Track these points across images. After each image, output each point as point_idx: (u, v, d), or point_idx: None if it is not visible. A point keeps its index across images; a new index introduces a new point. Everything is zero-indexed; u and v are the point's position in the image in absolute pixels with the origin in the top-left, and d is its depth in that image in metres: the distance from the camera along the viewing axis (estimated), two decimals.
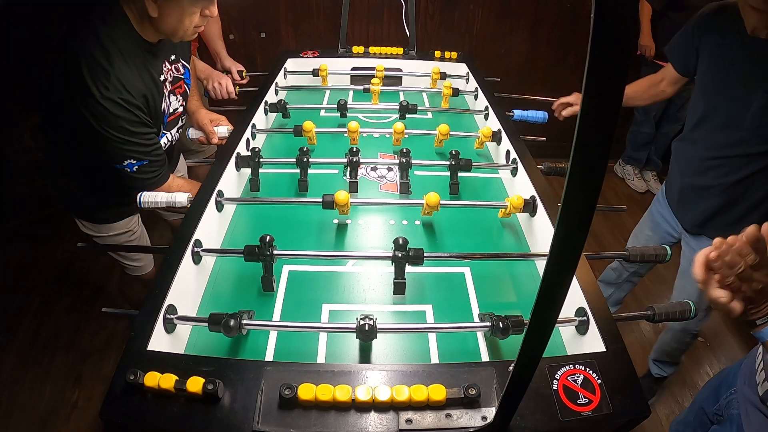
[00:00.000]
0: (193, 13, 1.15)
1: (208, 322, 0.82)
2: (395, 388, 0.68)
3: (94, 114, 1.09)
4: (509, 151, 1.37)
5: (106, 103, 1.09)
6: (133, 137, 1.15)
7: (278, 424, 0.66)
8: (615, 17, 0.33)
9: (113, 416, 0.68)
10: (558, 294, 0.47)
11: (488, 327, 0.84)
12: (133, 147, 1.16)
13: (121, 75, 1.11)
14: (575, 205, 0.41)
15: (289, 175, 1.34)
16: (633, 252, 1.01)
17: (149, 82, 1.21)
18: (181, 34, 1.18)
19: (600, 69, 0.34)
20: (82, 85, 1.08)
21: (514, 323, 0.83)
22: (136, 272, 1.60)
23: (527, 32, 2.88)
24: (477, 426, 0.67)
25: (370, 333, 0.81)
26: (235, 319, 0.81)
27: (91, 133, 1.12)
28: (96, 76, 1.08)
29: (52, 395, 1.81)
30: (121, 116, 1.11)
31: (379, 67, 1.78)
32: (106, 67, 1.09)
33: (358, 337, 0.82)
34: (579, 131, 0.37)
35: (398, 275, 0.96)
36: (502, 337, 0.83)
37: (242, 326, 0.82)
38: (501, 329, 0.83)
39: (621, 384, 0.74)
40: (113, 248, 1.57)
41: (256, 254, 0.95)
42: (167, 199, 1.09)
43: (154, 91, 1.23)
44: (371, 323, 0.81)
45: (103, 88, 1.08)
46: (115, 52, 1.11)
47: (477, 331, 0.92)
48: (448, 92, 1.69)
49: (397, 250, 0.95)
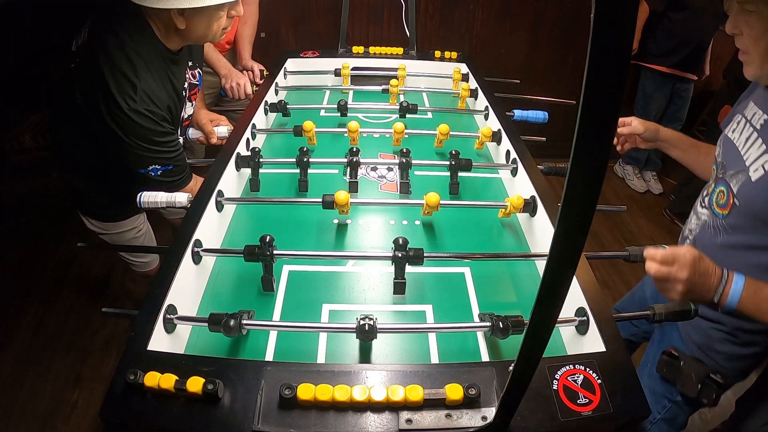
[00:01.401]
0: (220, 17, 1.17)
1: (208, 322, 0.82)
2: (395, 388, 0.68)
3: (120, 125, 1.11)
4: (509, 151, 1.37)
5: (132, 114, 1.10)
6: (159, 146, 1.17)
7: (278, 424, 0.66)
8: (615, 17, 0.32)
9: (113, 416, 0.68)
10: (558, 294, 0.47)
11: (488, 327, 0.84)
12: (158, 155, 1.18)
13: (147, 87, 1.13)
14: (575, 205, 0.41)
15: (289, 175, 1.34)
16: (633, 251, 0.98)
17: (171, 92, 1.23)
18: (210, 38, 1.20)
19: (600, 69, 0.34)
20: (108, 97, 1.09)
21: (514, 323, 0.83)
22: (142, 268, 1.61)
23: (527, 32, 2.88)
24: (477, 426, 0.67)
25: (370, 333, 0.81)
26: (235, 319, 0.81)
27: (117, 142, 1.13)
28: (123, 88, 1.10)
29: (52, 395, 1.81)
30: (147, 127, 1.13)
31: (401, 66, 1.80)
32: (133, 80, 1.11)
33: (359, 337, 0.82)
34: (579, 131, 0.37)
35: (398, 275, 0.96)
36: (502, 337, 0.83)
37: (242, 326, 0.82)
38: (501, 329, 0.83)
39: (621, 384, 0.74)
40: (113, 248, 1.58)
41: (256, 254, 0.95)
42: (167, 199, 1.09)
43: (176, 100, 1.25)
44: (371, 323, 0.81)
45: (130, 100, 1.10)
46: (141, 64, 1.13)
47: (477, 331, 0.92)
48: (466, 94, 1.70)
49: (397, 250, 0.95)
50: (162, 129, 1.17)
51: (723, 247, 1.01)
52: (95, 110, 1.11)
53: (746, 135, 0.99)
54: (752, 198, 0.94)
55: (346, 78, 1.82)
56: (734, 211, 0.98)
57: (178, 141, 1.25)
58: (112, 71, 1.09)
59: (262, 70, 1.90)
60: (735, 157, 1.00)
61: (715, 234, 1.04)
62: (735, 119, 1.05)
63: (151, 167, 1.19)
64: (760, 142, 0.93)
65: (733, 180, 0.99)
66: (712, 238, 1.04)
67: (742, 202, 0.96)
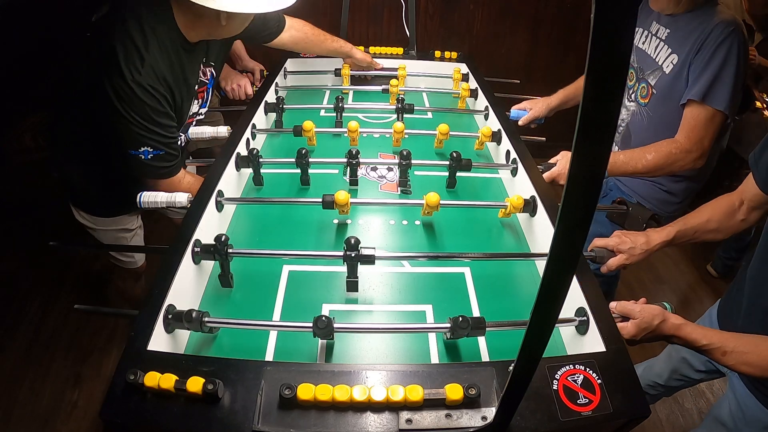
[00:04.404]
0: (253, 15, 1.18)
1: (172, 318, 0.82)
2: (395, 388, 0.68)
3: (119, 95, 1.08)
4: (509, 151, 1.37)
5: (135, 86, 1.08)
6: (155, 126, 1.15)
7: (278, 424, 0.66)
8: (615, 17, 0.32)
9: (113, 416, 0.68)
10: (558, 294, 0.47)
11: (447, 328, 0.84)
12: (153, 135, 1.15)
13: (155, 64, 1.11)
14: (575, 205, 0.41)
15: (289, 175, 1.34)
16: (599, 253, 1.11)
17: (180, 79, 1.21)
18: (236, 33, 1.22)
19: (600, 69, 0.34)
20: (113, 64, 1.07)
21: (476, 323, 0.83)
22: (127, 266, 1.62)
23: (527, 32, 2.88)
24: (477, 426, 0.67)
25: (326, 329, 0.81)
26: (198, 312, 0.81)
27: (112, 114, 1.11)
28: (130, 59, 1.08)
29: (52, 395, 1.81)
30: (147, 103, 1.11)
31: (401, 66, 1.80)
32: (142, 52, 1.09)
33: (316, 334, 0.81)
34: (579, 131, 0.37)
35: (351, 274, 0.97)
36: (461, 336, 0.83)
37: (203, 323, 0.82)
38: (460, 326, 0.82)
39: (621, 384, 0.74)
40: (113, 248, 1.58)
41: (212, 252, 0.95)
42: (167, 199, 1.09)
43: (183, 89, 1.23)
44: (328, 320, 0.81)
45: (135, 71, 1.08)
46: (153, 41, 1.11)
47: (435, 332, 0.91)
48: (466, 94, 1.70)
49: (348, 250, 0.94)
50: (162, 109, 1.15)
51: (649, 126, 1.46)
52: (98, 78, 1.08)
53: (654, 44, 1.43)
54: (666, 85, 1.38)
55: (346, 78, 1.82)
56: (653, 99, 1.44)
57: (175, 128, 1.23)
58: (123, 40, 1.08)
59: (262, 70, 1.90)
60: (649, 61, 1.45)
61: (642, 118, 1.49)
62: (639, 33, 1.49)
63: (143, 149, 1.15)
64: (666, 47, 1.38)
65: (650, 77, 1.44)
66: (641, 122, 1.49)
67: (659, 90, 1.41)
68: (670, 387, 1.44)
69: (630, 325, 0.88)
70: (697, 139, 1.30)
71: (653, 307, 0.89)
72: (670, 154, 1.32)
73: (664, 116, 1.41)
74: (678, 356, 1.37)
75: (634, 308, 0.89)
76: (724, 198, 1.15)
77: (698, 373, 1.33)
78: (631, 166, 1.36)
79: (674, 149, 1.32)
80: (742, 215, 1.12)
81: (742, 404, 1.11)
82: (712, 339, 0.88)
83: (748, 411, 1.10)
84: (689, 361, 1.33)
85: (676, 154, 1.32)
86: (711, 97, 1.26)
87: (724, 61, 1.25)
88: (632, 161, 1.36)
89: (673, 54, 1.36)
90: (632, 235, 1.11)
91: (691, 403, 1.95)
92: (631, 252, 1.09)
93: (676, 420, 1.89)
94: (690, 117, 1.31)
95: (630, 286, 2.33)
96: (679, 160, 1.32)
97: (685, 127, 1.32)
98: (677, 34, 1.36)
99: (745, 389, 1.10)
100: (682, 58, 1.33)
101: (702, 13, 1.31)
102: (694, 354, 1.30)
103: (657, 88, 1.42)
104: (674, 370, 1.39)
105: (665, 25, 1.40)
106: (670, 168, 1.35)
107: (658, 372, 1.45)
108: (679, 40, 1.35)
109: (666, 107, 1.40)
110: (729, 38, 1.24)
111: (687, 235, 1.14)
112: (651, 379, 1.47)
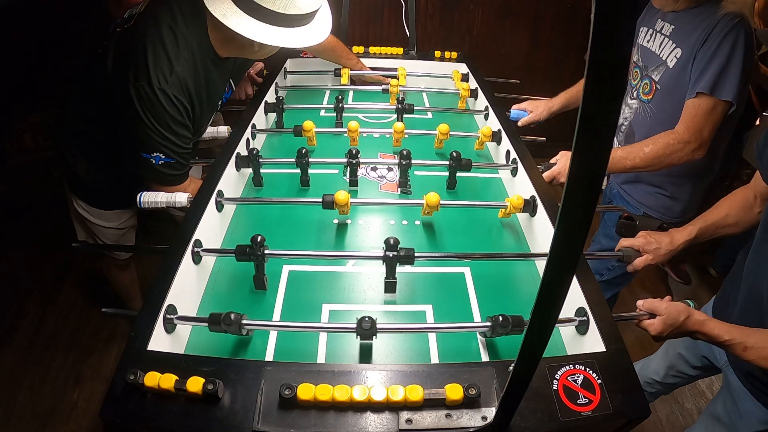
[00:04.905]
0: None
1: (208, 322, 0.82)
2: (395, 388, 0.68)
3: (142, 98, 1.08)
4: (509, 151, 1.37)
5: (159, 93, 1.08)
6: (172, 135, 1.15)
7: (278, 424, 0.66)
8: (615, 17, 0.32)
9: (113, 416, 0.68)
10: (558, 294, 0.47)
11: (488, 327, 0.84)
12: (168, 143, 1.15)
13: (183, 75, 1.11)
14: (575, 205, 0.41)
15: (289, 175, 1.34)
16: (626, 252, 1.11)
17: (204, 92, 1.21)
18: (268, 56, 1.24)
19: (600, 69, 0.34)
20: (141, 68, 1.07)
21: (515, 321, 0.83)
22: (113, 256, 1.66)
23: (527, 32, 2.88)
24: (477, 426, 0.67)
25: (370, 330, 0.81)
26: (235, 314, 0.81)
27: (132, 117, 1.10)
28: (159, 65, 1.08)
29: (52, 395, 1.81)
30: (168, 111, 1.11)
31: (401, 69, 1.81)
32: (173, 62, 1.09)
33: (359, 333, 0.82)
34: (579, 131, 0.37)
35: (389, 275, 0.97)
36: (502, 333, 0.83)
37: (242, 326, 0.82)
38: (501, 324, 0.83)
39: (621, 384, 0.74)
40: (113, 248, 1.58)
41: (248, 254, 0.95)
42: (167, 200, 1.09)
43: (205, 102, 1.23)
44: (371, 321, 0.81)
45: (162, 79, 1.08)
46: (185, 51, 1.11)
47: (476, 331, 0.92)
48: (466, 94, 1.70)
49: (388, 250, 0.95)
50: (181, 120, 1.15)
51: (652, 123, 1.44)
52: (123, 78, 1.08)
53: (659, 41, 1.42)
54: (670, 79, 1.37)
55: (345, 76, 1.82)
56: (657, 95, 1.42)
57: (191, 139, 1.23)
58: (154, 45, 1.07)
59: (262, 69, 1.90)
60: (653, 58, 1.43)
61: (645, 115, 1.47)
62: (644, 32, 1.48)
63: (156, 154, 1.15)
64: (671, 42, 1.37)
65: (654, 73, 1.43)
66: (644, 118, 1.47)
67: (662, 85, 1.39)
68: (667, 384, 1.45)
69: (657, 321, 0.90)
70: (696, 129, 1.27)
71: (678, 304, 0.91)
72: (667, 144, 1.29)
73: (668, 111, 1.38)
74: (674, 352, 1.38)
75: (660, 306, 0.91)
76: (739, 192, 1.17)
77: (694, 369, 1.34)
78: (629, 160, 1.34)
79: (672, 140, 1.29)
80: (758, 207, 1.13)
81: (736, 399, 1.13)
82: (734, 335, 0.89)
83: (743, 406, 1.11)
84: (685, 356, 1.34)
85: (673, 145, 1.29)
86: (719, 89, 1.24)
87: (731, 52, 1.23)
88: (630, 155, 1.34)
89: (678, 48, 1.34)
90: (657, 236, 1.12)
91: (691, 403, 1.95)
92: (656, 252, 1.10)
93: (676, 420, 1.88)
94: (691, 107, 1.29)
95: (630, 286, 2.33)
96: (678, 150, 1.29)
97: (685, 117, 1.30)
98: (682, 29, 1.35)
99: (739, 384, 1.11)
100: (686, 51, 1.31)
101: (706, 9, 1.30)
102: (690, 349, 1.32)
103: (661, 84, 1.40)
104: (670, 366, 1.40)
105: (670, 21, 1.40)
106: (669, 159, 1.31)
107: (654, 369, 1.45)
108: (684, 34, 1.33)
109: (670, 102, 1.38)
110: (735, 29, 1.22)
111: (708, 232, 1.15)
112: (648, 377, 1.48)
